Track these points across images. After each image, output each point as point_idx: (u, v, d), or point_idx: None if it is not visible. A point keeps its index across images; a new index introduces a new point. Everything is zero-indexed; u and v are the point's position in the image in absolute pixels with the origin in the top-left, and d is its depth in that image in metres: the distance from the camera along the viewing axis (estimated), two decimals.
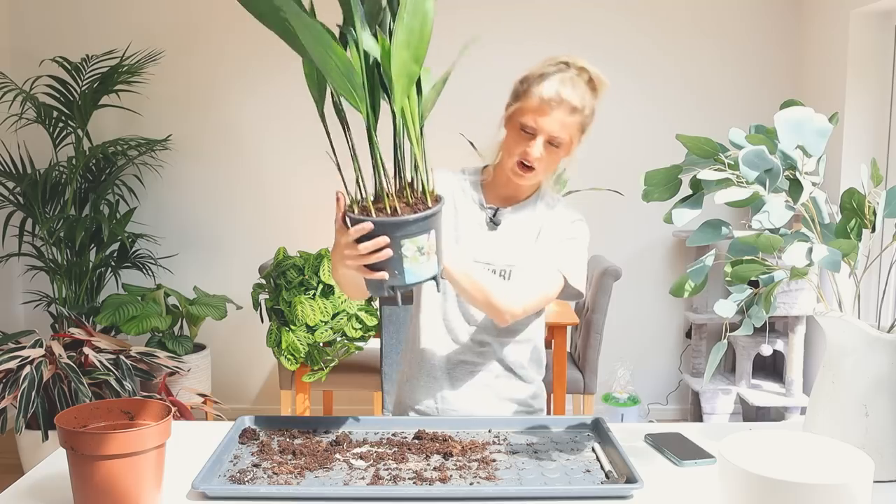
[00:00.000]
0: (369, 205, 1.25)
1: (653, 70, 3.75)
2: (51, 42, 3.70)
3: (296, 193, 3.72)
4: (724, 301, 1.26)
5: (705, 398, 3.60)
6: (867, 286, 3.21)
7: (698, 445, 1.40)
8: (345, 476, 1.25)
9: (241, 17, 3.70)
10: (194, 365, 3.48)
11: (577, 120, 1.51)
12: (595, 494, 1.20)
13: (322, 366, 2.97)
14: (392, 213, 1.24)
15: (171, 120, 3.78)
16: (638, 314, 3.89)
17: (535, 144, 1.50)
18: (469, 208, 1.64)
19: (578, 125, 1.52)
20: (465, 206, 1.64)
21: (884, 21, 3.24)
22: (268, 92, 3.75)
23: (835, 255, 1.14)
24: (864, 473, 0.96)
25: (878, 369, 1.22)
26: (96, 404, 1.21)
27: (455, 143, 2.83)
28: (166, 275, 3.84)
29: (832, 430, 1.25)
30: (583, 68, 1.52)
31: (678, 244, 3.87)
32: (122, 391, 2.86)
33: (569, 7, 3.70)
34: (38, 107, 3.39)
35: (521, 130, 1.51)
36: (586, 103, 1.51)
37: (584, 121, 1.53)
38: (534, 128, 1.49)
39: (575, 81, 1.49)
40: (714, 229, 1.25)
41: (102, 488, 1.08)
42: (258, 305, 3.11)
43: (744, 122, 3.62)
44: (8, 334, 3.40)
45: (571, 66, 1.51)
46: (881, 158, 3.31)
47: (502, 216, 1.63)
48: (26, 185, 3.41)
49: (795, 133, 1.19)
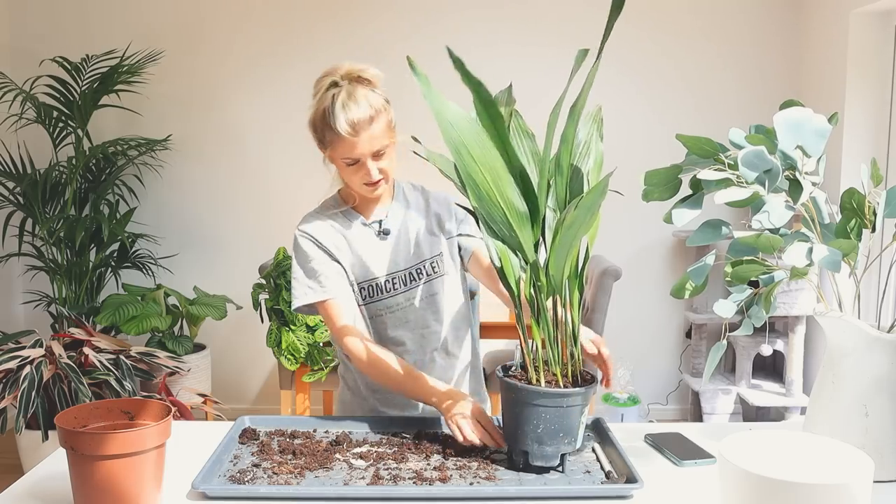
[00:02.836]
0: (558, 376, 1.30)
1: (653, 70, 3.75)
2: (51, 42, 3.70)
3: (296, 193, 3.72)
4: (724, 301, 1.26)
5: (705, 398, 3.60)
6: (867, 286, 3.21)
7: (698, 445, 1.40)
8: (345, 476, 1.25)
9: (241, 17, 3.70)
10: (194, 365, 3.48)
11: (381, 122, 1.49)
12: (595, 494, 1.20)
13: (322, 366, 2.97)
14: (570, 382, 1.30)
15: (172, 120, 3.78)
16: (638, 314, 3.89)
17: (368, 168, 1.51)
18: (356, 234, 1.63)
19: (385, 123, 1.51)
20: (352, 236, 1.63)
21: (884, 21, 3.24)
22: (268, 91, 3.75)
23: (835, 255, 1.14)
24: (864, 473, 0.96)
25: (877, 369, 1.22)
26: (96, 404, 1.21)
27: None
28: (166, 275, 3.84)
29: (832, 430, 1.25)
30: (349, 75, 1.49)
31: (678, 244, 3.87)
32: (122, 391, 2.85)
33: (569, 8, 3.70)
34: (38, 107, 3.39)
35: (346, 165, 1.52)
36: (375, 103, 1.49)
37: (387, 115, 1.52)
38: (355, 158, 1.50)
39: (353, 95, 1.47)
40: (714, 229, 1.26)
41: (102, 488, 1.08)
42: (258, 305, 3.11)
43: (744, 122, 3.62)
44: (8, 334, 3.40)
45: (340, 82, 1.49)
46: (881, 158, 3.31)
47: (387, 224, 1.65)
48: (26, 185, 3.41)
49: (795, 133, 1.19)
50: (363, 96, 1.48)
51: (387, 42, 3.72)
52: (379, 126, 1.49)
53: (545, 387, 1.26)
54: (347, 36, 3.72)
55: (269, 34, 3.71)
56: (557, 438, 1.26)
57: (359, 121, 1.46)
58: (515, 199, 1.19)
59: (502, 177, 1.18)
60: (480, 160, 1.16)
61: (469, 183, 1.18)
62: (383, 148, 1.51)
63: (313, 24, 3.72)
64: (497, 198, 1.20)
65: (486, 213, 1.22)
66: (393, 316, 1.63)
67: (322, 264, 1.59)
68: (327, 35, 3.71)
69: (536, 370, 1.28)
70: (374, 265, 1.62)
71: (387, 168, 1.54)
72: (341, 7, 3.71)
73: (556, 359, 1.29)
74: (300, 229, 1.63)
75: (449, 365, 1.69)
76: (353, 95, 1.47)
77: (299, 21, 3.71)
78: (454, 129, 1.15)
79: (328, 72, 1.51)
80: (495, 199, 1.20)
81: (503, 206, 1.20)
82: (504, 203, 1.20)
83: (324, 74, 1.52)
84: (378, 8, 3.71)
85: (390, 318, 1.63)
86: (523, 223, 1.21)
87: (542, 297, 1.27)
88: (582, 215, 1.13)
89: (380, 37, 3.71)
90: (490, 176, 1.18)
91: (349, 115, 1.45)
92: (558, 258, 1.20)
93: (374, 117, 1.48)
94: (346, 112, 1.45)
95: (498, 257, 1.30)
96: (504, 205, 1.20)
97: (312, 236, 1.61)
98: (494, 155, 1.16)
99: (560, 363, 1.29)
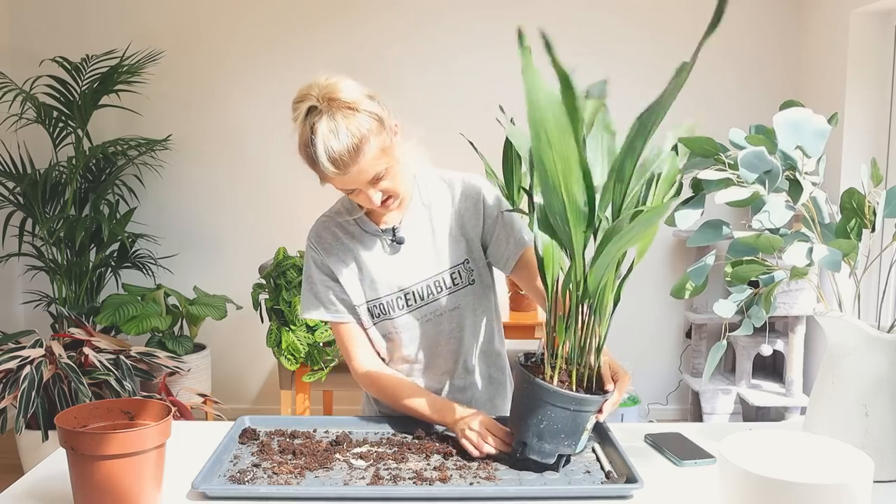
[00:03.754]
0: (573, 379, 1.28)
1: (653, 70, 3.75)
2: (51, 42, 3.70)
3: (296, 193, 3.71)
4: (724, 301, 1.26)
5: (705, 398, 3.60)
6: (867, 286, 3.20)
7: (698, 445, 1.40)
8: (345, 476, 1.25)
9: (241, 17, 3.70)
10: (194, 365, 3.48)
11: (372, 148, 1.33)
12: (595, 494, 1.20)
13: (322, 366, 2.97)
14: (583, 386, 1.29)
15: (171, 120, 3.78)
16: (638, 314, 3.89)
17: (370, 194, 1.39)
18: (367, 247, 1.53)
19: (377, 148, 1.34)
20: (362, 250, 1.53)
21: (884, 21, 3.24)
22: (268, 91, 3.75)
23: (835, 255, 1.14)
24: (864, 473, 0.96)
25: (877, 369, 1.22)
26: (96, 404, 1.21)
27: (455, 143, 2.83)
28: (166, 275, 3.84)
29: (832, 430, 1.25)
30: (325, 97, 1.32)
31: (678, 244, 3.87)
32: (122, 391, 2.85)
33: (569, 8, 3.70)
34: (38, 107, 3.38)
35: (345, 192, 1.43)
36: (359, 129, 1.32)
37: (378, 138, 1.35)
38: (353, 188, 1.39)
39: (333, 126, 1.30)
40: (714, 229, 1.26)
41: (102, 488, 1.08)
42: (258, 305, 3.11)
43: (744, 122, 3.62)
44: (8, 334, 3.40)
45: (318, 106, 1.32)
46: (881, 158, 3.31)
47: (402, 232, 1.53)
48: (26, 185, 3.41)
49: (794, 134, 1.19)
50: (344, 127, 1.30)
51: (385, 42, 3.72)
52: (370, 153, 1.33)
53: (557, 386, 1.26)
54: (346, 36, 3.72)
55: (270, 34, 3.71)
56: (558, 438, 1.26)
57: (342, 156, 1.31)
58: (579, 195, 1.17)
59: (573, 170, 1.14)
60: (557, 147, 1.12)
61: (538, 167, 1.15)
62: (381, 172, 1.37)
63: (312, 24, 3.72)
64: (562, 189, 1.16)
65: (546, 202, 1.20)
66: (407, 334, 1.54)
67: (330, 285, 1.53)
68: (327, 35, 3.71)
69: (553, 367, 1.28)
70: (384, 283, 1.52)
71: (391, 187, 1.41)
72: (340, 7, 3.71)
73: (574, 362, 1.29)
74: (311, 240, 1.55)
75: (469, 383, 1.59)
76: (333, 126, 1.30)
77: (299, 21, 3.71)
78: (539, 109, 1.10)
79: (303, 94, 1.34)
80: (559, 190, 1.16)
81: (566, 198, 1.17)
82: (567, 195, 1.16)
83: (299, 97, 1.35)
84: (377, 8, 3.71)
85: (404, 336, 1.54)
86: (579, 221, 1.19)
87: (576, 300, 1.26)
88: (636, 229, 1.10)
89: (378, 37, 3.72)
90: (561, 165, 1.14)
91: (331, 152, 1.30)
92: (600, 265, 1.18)
93: (359, 146, 1.31)
94: (327, 149, 1.30)
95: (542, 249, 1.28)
96: (567, 197, 1.17)
97: (319, 251, 1.53)
98: (572, 146, 1.13)
99: (577, 367, 1.29)
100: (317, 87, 1.33)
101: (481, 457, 1.33)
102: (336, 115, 1.31)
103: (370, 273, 1.52)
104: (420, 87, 3.71)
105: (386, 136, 1.37)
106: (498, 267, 1.56)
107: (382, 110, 1.37)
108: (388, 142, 1.37)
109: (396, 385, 1.51)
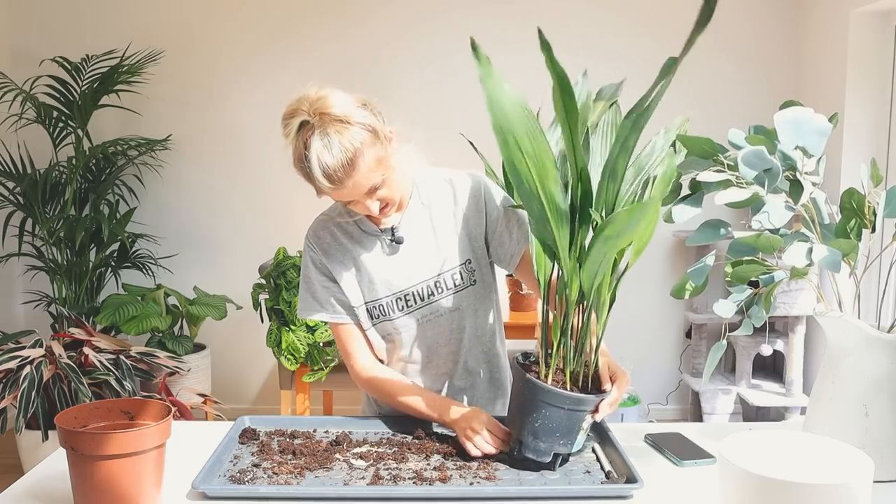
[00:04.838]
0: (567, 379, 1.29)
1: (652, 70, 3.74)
2: (51, 42, 3.70)
3: (296, 193, 3.70)
4: (724, 301, 1.26)
5: (705, 398, 3.60)
6: (867, 286, 3.20)
7: (698, 445, 1.40)
8: (345, 476, 1.25)
9: (240, 17, 3.70)
10: (194, 365, 3.48)
11: (367, 160, 1.32)
12: (595, 494, 1.20)
13: (322, 366, 2.97)
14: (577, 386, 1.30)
15: (171, 120, 3.78)
16: (638, 314, 3.89)
17: (368, 205, 1.39)
18: (366, 247, 1.52)
19: (372, 159, 1.33)
20: (361, 250, 1.52)
21: (884, 21, 3.24)
22: (268, 91, 3.75)
23: (835, 255, 1.14)
24: (864, 473, 0.96)
25: (877, 369, 1.22)
26: (96, 404, 1.21)
27: (453, 143, 2.83)
28: (166, 275, 3.84)
29: (832, 430, 1.25)
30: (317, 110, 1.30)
31: (678, 244, 3.87)
32: (122, 391, 2.85)
33: (568, 7, 3.70)
34: (38, 107, 3.39)
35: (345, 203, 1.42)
36: (352, 143, 1.30)
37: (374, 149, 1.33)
38: (350, 200, 1.39)
39: (327, 142, 1.29)
40: (714, 229, 1.26)
41: (102, 488, 1.08)
42: (258, 305, 3.11)
43: (744, 123, 3.62)
44: (8, 334, 3.40)
45: (311, 120, 1.30)
46: (881, 158, 3.31)
47: (401, 232, 1.52)
48: (26, 185, 3.41)
49: (795, 133, 1.19)
50: (337, 142, 1.29)
51: (381, 41, 3.72)
52: (365, 165, 1.32)
53: (551, 385, 1.26)
54: (343, 35, 3.72)
55: (269, 34, 3.71)
56: (553, 437, 1.26)
57: (336, 172, 1.30)
58: (557, 195, 1.15)
59: (548, 171, 1.13)
60: (528, 152, 1.11)
61: (512, 173, 1.14)
62: (377, 182, 1.36)
63: (311, 24, 3.71)
64: (539, 191, 1.15)
65: (526, 206, 1.19)
66: (407, 335, 1.54)
67: (328, 285, 1.53)
68: (324, 34, 3.71)
69: (548, 366, 1.28)
70: (382, 284, 1.51)
71: (388, 195, 1.40)
72: (337, 6, 3.71)
73: (569, 362, 1.29)
74: (309, 239, 1.54)
75: (469, 384, 1.59)
76: (327, 142, 1.29)
77: (297, 21, 3.71)
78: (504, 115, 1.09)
79: (293, 109, 1.32)
80: (536, 193, 1.15)
81: (544, 200, 1.16)
82: (545, 198, 1.16)
83: (289, 112, 1.33)
84: (373, 7, 3.71)
85: (404, 337, 1.54)
86: (561, 222, 1.18)
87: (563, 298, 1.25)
88: (621, 229, 1.08)
89: (374, 35, 3.72)
90: (535, 169, 1.13)
91: (326, 168, 1.29)
92: (592, 264, 1.17)
93: (353, 160, 1.30)
94: (321, 165, 1.29)
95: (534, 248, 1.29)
96: (545, 199, 1.16)
97: (318, 251, 1.53)
98: (544, 148, 1.11)
99: (572, 367, 1.29)
100: (307, 101, 1.32)
101: (481, 457, 1.33)
102: (329, 130, 1.29)
103: (369, 274, 1.52)
104: (416, 85, 3.70)
105: (380, 147, 1.35)
106: (501, 265, 1.55)
107: (375, 119, 1.35)
108: (382, 152, 1.35)
109: (395, 385, 1.51)
